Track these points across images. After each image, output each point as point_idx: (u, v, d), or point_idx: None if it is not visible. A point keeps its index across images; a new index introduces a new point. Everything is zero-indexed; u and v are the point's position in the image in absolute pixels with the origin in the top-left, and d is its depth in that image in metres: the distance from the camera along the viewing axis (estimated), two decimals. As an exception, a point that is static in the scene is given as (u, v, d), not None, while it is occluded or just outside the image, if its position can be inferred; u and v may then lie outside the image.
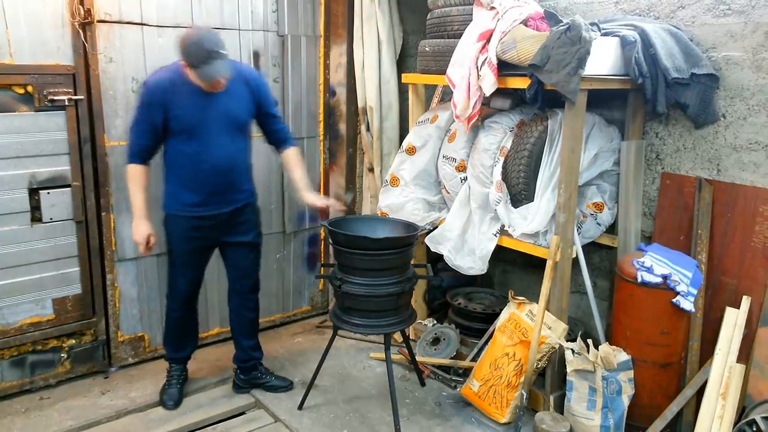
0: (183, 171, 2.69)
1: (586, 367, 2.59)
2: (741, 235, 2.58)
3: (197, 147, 2.64)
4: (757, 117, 2.52)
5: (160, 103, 2.58)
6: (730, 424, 2.36)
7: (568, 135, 2.56)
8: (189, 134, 2.63)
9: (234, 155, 2.75)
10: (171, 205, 2.76)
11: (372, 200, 3.91)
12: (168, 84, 2.59)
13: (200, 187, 2.70)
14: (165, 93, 2.58)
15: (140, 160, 2.67)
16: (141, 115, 2.64)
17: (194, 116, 2.61)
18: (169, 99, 2.58)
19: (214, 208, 2.75)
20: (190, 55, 2.47)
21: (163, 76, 2.62)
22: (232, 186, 2.77)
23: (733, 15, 2.53)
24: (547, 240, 2.75)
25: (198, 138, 2.63)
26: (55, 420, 2.83)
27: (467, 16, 2.86)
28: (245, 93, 2.74)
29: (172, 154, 2.70)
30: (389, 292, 2.70)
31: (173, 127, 2.62)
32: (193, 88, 2.58)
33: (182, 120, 2.60)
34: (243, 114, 2.75)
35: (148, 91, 2.61)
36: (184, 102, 2.59)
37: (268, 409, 2.98)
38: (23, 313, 2.95)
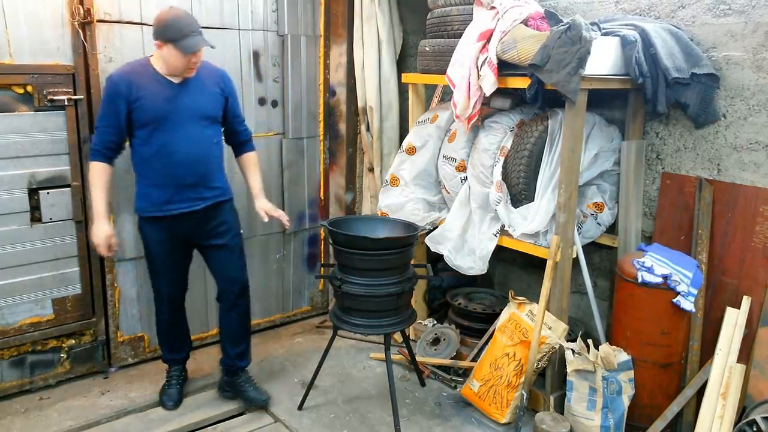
0: (151, 166, 2.61)
1: (586, 367, 2.59)
2: (741, 235, 2.58)
3: (164, 138, 2.57)
4: (757, 117, 2.52)
5: (124, 94, 2.51)
6: (731, 424, 2.35)
7: (569, 135, 2.55)
8: (155, 126, 2.56)
9: (203, 145, 2.67)
10: (143, 206, 2.69)
11: (372, 200, 3.91)
12: (133, 75, 2.55)
13: (169, 180, 2.62)
14: (130, 84, 2.52)
15: (104, 157, 2.59)
16: (105, 109, 2.57)
17: (160, 106, 2.55)
18: (134, 90, 2.52)
19: (186, 206, 2.66)
20: (169, 29, 2.45)
21: (127, 69, 2.59)
22: (203, 179, 2.69)
23: (734, 15, 2.53)
24: (547, 240, 2.75)
25: (165, 129, 2.57)
26: (54, 420, 2.83)
27: (467, 16, 2.86)
28: (214, 87, 2.71)
29: (139, 150, 2.63)
30: (389, 292, 2.70)
31: (138, 118, 2.55)
32: (161, 79, 2.56)
33: (148, 110, 2.54)
34: (211, 106, 2.70)
35: (113, 83, 2.54)
36: (150, 92, 2.54)
37: (268, 409, 2.97)
38: (23, 313, 2.94)
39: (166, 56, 2.51)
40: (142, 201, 2.68)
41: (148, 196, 2.66)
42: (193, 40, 2.47)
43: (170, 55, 2.49)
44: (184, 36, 2.45)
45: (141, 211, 2.70)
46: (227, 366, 2.97)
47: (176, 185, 2.63)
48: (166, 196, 2.64)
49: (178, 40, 2.45)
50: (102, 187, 2.60)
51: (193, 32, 2.48)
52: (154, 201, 2.65)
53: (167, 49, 2.48)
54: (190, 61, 2.52)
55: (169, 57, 2.50)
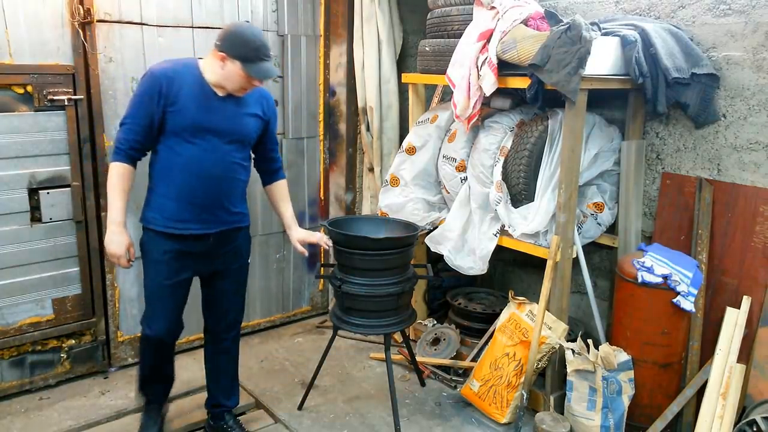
0: (171, 178, 2.34)
1: (586, 367, 2.59)
2: (741, 235, 2.58)
3: (193, 151, 2.31)
4: (757, 117, 2.52)
5: (163, 93, 2.25)
6: (731, 424, 2.35)
7: (569, 135, 2.55)
8: (187, 136, 2.30)
9: (233, 167, 2.41)
10: (152, 218, 2.38)
11: (372, 200, 3.91)
12: (176, 75, 2.28)
13: (187, 197, 2.34)
14: (171, 83, 2.26)
15: (127, 158, 2.31)
16: (138, 106, 2.29)
17: (198, 116, 2.30)
18: (174, 91, 2.26)
19: (198, 227, 2.38)
20: (243, 46, 2.22)
21: (171, 66, 2.32)
22: (224, 202, 2.42)
23: (734, 15, 2.53)
24: (547, 240, 2.75)
25: (195, 142, 2.31)
26: (54, 420, 2.83)
27: (467, 16, 2.86)
28: (257, 108, 2.46)
29: (164, 157, 2.34)
30: (389, 292, 2.70)
31: (172, 123, 2.29)
32: (205, 87, 2.31)
33: (185, 116, 2.28)
34: (250, 128, 2.45)
35: (152, 78, 2.27)
36: (190, 98, 2.28)
37: (268, 409, 2.97)
38: (23, 313, 2.94)
39: (227, 71, 2.26)
40: (153, 212, 2.38)
41: (160, 208, 2.36)
42: (265, 67, 2.26)
43: (233, 72, 2.25)
44: (258, 59, 2.24)
45: (149, 223, 2.39)
46: (213, 406, 2.73)
47: (193, 204, 2.36)
48: (180, 213, 2.36)
49: (250, 62, 2.23)
50: (122, 191, 2.31)
51: (267, 57, 2.27)
52: (166, 215, 2.36)
53: (231, 64, 2.24)
54: (251, 84, 2.31)
55: (230, 74, 2.26)
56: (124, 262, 2.35)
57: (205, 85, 2.31)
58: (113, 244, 2.32)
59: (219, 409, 2.72)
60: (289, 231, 2.70)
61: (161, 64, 2.33)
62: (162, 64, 2.34)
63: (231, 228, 2.48)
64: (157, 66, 2.32)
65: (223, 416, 2.72)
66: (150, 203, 2.40)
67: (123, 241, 2.33)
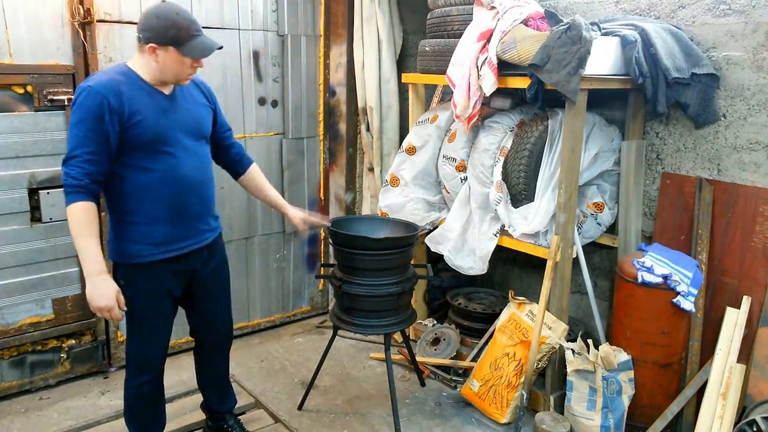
0: (153, 197, 2.09)
1: (586, 367, 2.59)
2: (741, 235, 2.58)
3: (169, 161, 2.09)
4: (757, 117, 2.52)
5: (115, 109, 1.97)
6: (731, 424, 2.35)
7: (569, 135, 2.55)
8: (157, 146, 2.07)
9: (205, 167, 2.24)
10: (138, 250, 2.11)
11: (372, 200, 3.91)
12: (120, 85, 2.01)
13: (176, 212, 2.14)
14: (120, 96, 1.98)
15: (92, 196, 1.98)
16: (88, 131, 1.95)
17: (160, 122, 2.07)
18: (126, 101, 2.00)
19: (196, 241, 2.23)
20: (171, 28, 1.99)
21: (109, 78, 2.02)
22: (207, 207, 2.27)
23: (734, 15, 2.53)
24: (547, 240, 2.75)
25: (167, 149, 2.09)
26: (54, 420, 2.83)
27: (467, 16, 2.86)
28: (201, 98, 2.28)
29: (135, 178, 2.07)
30: (389, 292, 2.70)
31: (136, 137, 2.02)
32: (149, 89, 2.08)
33: (147, 128, 2.04)
34: (206, 120, 2.28)
35: (96, 96, 1.95)
36: (143, 105, 2.04)
37: (268, 409, 2.97)
38: (23, 313, 2.94)
39: (162, 63, 2.04)
40: (135, 243, 2.11)
41: (146, 236, 2.11)
42: (202, 42, 2.05)
43: (169, 60, 2.03)
44: (191, 37, 2.02)
45: (134, 257, 2.11)
46: (209, 409, 2.67)
47: (184, 217, 2.17)
48: (175, 231, 2.15)
49: (183, 43, 2.00)
50: (94, 235, 1.97)
51: (199, 32, 2.05)
52: (157, 240, 2.12)
53: (164, 53, 2.02)
54: (193, 68, 2.09)
55: (167, 63, 2.03)
56: (117, 314, 2.01)
57: (147, 86, 2.08)
58: (102, 298, 1.97)
59: (217, 412, 2.70)
60: (285, 211, 2.55)
61: (96, 78, 2.03)
62: (96, 77, 2.04)
63: (217, 235, 2.36)
64: (93, 81, 2.01)
65: (223, 416, 2.71)
66: (127, 235, 2.11)
67: (111, 292, 1.99)
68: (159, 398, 2.40)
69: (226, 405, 2.69)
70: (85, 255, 1.97)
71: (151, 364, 2.29)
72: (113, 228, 2.15)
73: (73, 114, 1.99)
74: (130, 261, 2.13)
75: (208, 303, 2.41)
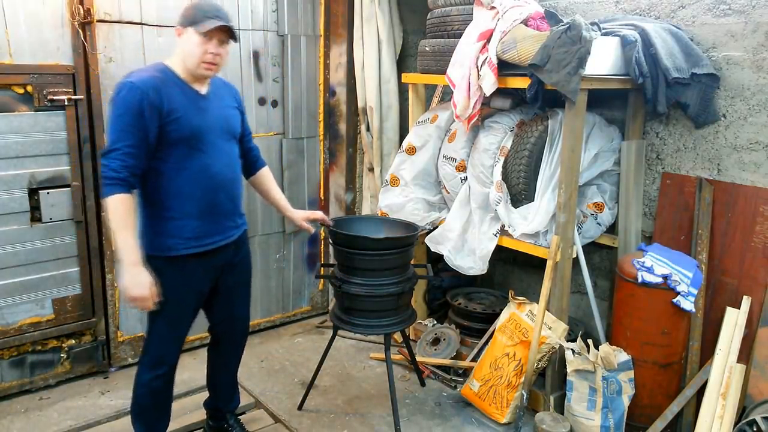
0: (186, 193, 2.17)
1: (586, 367, 2.59)
2: (741, 235, 2.58)
3: (201, 159, 2.16)
4: (757, 117, 2.52)
5: (155, 105, 2.05)
6: (731, 424, 2.35)
7: (569, 135, 2.55)
8: (192, 143, 2.14)
9: (235, 166, 2.34)
10: (171, 243, 2.18)
11: (372, 200, 3.91)
12: (159, 82, 2.09)
13: (208, 208, 2.21)
14: (159, 92, 2.06)
15: (129, 188, 2.05)
16: (129, 124, 2.02)
17: (196, 119, 2.15)
18: (165, 100, 2.07)
19: (223, 237, 2.29)
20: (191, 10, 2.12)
21: (149, 74, 2.11)
22: (235, 206, 2.35)
23: (734, 15, 2.53)
24: (547, 240, 2.75)
25: (200, 148, 2.16)
26: (54, 420, 2.83)
27: (467, 16, 2.86)
28: (232, 101, 2.37)
29: (171, 174, 2.15)
30: (389, 292, 2.70)
31: (173, 134, 2.10)
32: (185, 87, 2.17)
33: (184, 125, 2.11)
34: (236, 121, 2.37)
35: (137, 92, 2.03)
36: (181, 102, 2.12)
37: (268, 409, 2.97)
38: (23, 313, 2.94)
39: (184, 45, 2.12)
40: (170, 237, 2.18)
41: (178, 231, 2.17)
42: (213, 22, 2.09)
43: (188, 42, 2.10)
44: (207, 18, 2.08)
45: (169, 250, 2.18)
46: (213, 408, 2.69)
47: (215, 213, 2.24)
48: (205, 227, 2.21)
49: (199, 22, 2.08)
50: (132, 227, 2.06)
51: (216, 16, 2.10)
52: (188, 235, 2.18)
53: (186, 35, 2.11)
54: (207, 52, 2.11)
55: (186, 45, 2.11)
56: (150, 305, 2.09)
57: (184, 85, 2.17)
58: (137, 287, 2.05)
59: (220, 411, 2.71)
60: (289, 213, 2.64)
61: (138, 75, 2.10)
62: (136, 74, 2.11)
63: (243, 231, 2.43)
64: (135, 77, 2.08)
65: (224, 416, 2.72)
66: (161, 228, 2.18)
67: (147, 282, 2.06)
68: (169, 395, 2.42)
69: (232, 404, 2.71)
70: (123, 246, 2.04)
71: (168, 359, 2.32)
72: (146, 222, 2.20)
73: (114, 108, 2.06)
74: (161, 254, 2.18)
75: (230, 298, 2.46)
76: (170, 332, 2.29)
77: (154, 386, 2.32)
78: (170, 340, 2.31)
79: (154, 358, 2.30)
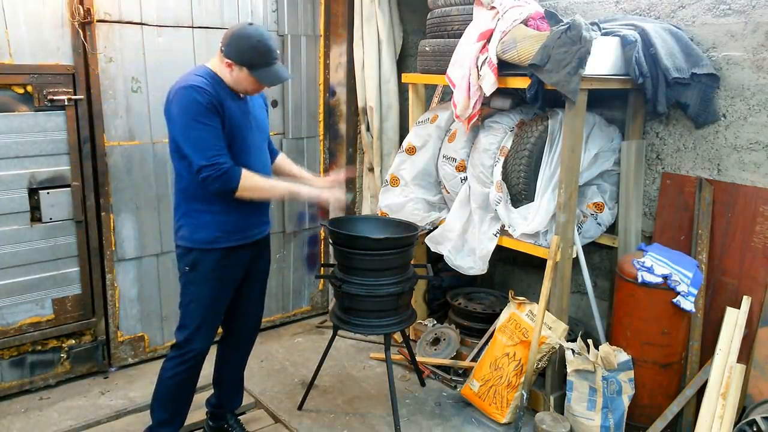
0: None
1: (586, 367, 2.59)
2: (741, 235, 2.58)
3: (245, 158, 2.28)
4: (757, 117, 2.52)
5: (216, 105, 2.16)
6: (731, 424, 2.35)
7: (569, 135, 2.55)
8: (239, 143, 2.27)
9: (268, 165, 2.47)
10: (213, 237, 2.29)
11: (372, 200, 3.91)
12: (212, 88, 2.18)
13: (247, 204, 2.30)
14: (218, 96, 2.17)
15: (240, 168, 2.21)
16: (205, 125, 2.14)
17: (241, 122, 2.27)
18: (221, 102, 2.18)
19: (257, 232, 2.43)
20: (248, 53, 2.16)
21: (202, 79, 2.19)
22: (266, 203, 2.47)
23: (734, 15, 2.53)
24: (547, 240, 2.75)
25: (242, 148, 2.28)
26: (54, 420, 2.83)
27: (467, 16, 2.86)
28: (262, 104, 2.50)
29: None
30: (389, 293, 2.70)
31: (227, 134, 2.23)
32: (231, 92, 2.26)
33: (234, 126, 2.24)
34: (267, 122, 2.51)
35: (202, 93, 2.13)
36: (230, 106, 2.23)
37: (268, 409, 2.97)
38: (23, 313, 2.94)
39: (236, 77, 2.21)
40: (210, 231, 2.29)
41: (221, 224, 2.29)
42: (275, 72, 2.21)
43: (242, 78, 2.21)
44: (266, 64, 2.18)
45: (209, 243, 2.29)
46: (215, 409, 2.72)
47: (251, 208, 2.35)
48: (242, 222, 2.34)
49: (258, 68, 2.18)
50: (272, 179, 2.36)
51: (275, 60, 2.21)
52: (230, 229, 2.31)
53: (239, 71, 2.19)
54: (261, 88, 2.28)
55: (239, 79, 2.22)
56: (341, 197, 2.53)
57: (230, 90, 2.25)
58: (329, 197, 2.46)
59: (222, 410, 2.72)
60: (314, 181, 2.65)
61: (193, 80, 2.18)
62: (191, 79, 2.18)
63: (269, 228, 2.56)
64: (192, 81, 2.17)
65: (224, 416, 2.73)
66: (203, 223, 2.29)
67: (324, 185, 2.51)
68: (191, 388, 2.49)
69: (235, 403, 2.75)
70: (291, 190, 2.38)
71: (198, 349, 2.38)
72: (188, 215, 2.31)
73: (183, 113, 2.14)
74: (202, 246, 2.29)
75: (248, 292, 2.55)
76: (206, 317, 2.37)
77: (180, 378, 2.41)
78: (202, 331, 2.37)
79: (184, 347, 2.37)
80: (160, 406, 2.46)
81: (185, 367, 2.39)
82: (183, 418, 2.53)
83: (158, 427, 2.47)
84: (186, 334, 2.37)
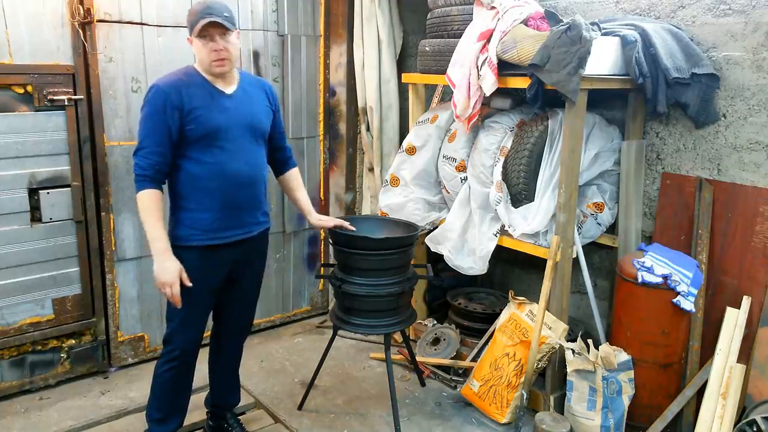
0: (203, 188, 2.27)
1: (586, 367, 2.59)
2: (741, 235, 2.58)
3: (219, 156, 2.25)
4: (757, 117, 2.52)
5: (175, 104, 2.18)
6: (731, 424, 2.35)
7: (569, 135, 2.55)
8: (210, 140, 2.24)
9: (258, 165, 2.40)
10: (187, 234, 2.29)
11: (372, 200, 3.91)
12: (180, 83, 2.21)
13: (225, 203, 2.29)
14: (180, 92, 2.19)
15: (156, 184, 2.22)
16: (152, 124, 2.18)
17: (216, 118, 2.24)
18: (185, 98, 2.19)
19: (241, 232, 2.37)
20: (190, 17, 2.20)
21: (173, 77, 2.25)
22: (256, 203, 2.42)
23: (734, 15, 2.53)
24: (547, 240, 2.75)
25: (220, 144, 2.25)
26: (54, 420, 2.83)
27: (467, 16, 2.86)
28: (264, 101, 2.43)
29: (189, 169, 2.26)
30: (389, 292, 2.70)
31: (192, 132, 2.21)
32: (210, 87, 2.26)
33: (203, 122, 2.21)
34: (264, 121, 2.41)
35: (159, 92, 2.18)
36: (202, 101, 2.23)
37: (268, 409, 2.97)
38: (23, 313, 2.94)
39: (195, 51, 2.23)
40: (187, 228, 2.29)
41: (196, 222, 2.29)
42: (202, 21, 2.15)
43: (196, 48, 2.22)
44: (198, 20, 2.15)
45: (184, 240, 2.30)
46: (214, 408, 2.72)
47: (232, 208, 2.32)
48: (221, 221, 2.31)
49: (194, 26, 2.17)
50: (160, 219, 2.20)
51: (208, 14, 2.15)
52: (205, 227, 2.29)
53: (193, 42, 2.22)
54: (211, 50, 2.19)
55: (196, 51, 2.22)
56: (177, 290, 2.21)
57: (208, 84, 2.26)
58: (167, 273, 2.19)
59: (220, 408, 2.72)
60: (309, 216, 2.71)
61: (164, 78, 2.25)
62: (164, 78, 2.26)
63: (263, 229, 2.50)
64: (160, 80, 2.24)
65: (224, 415, 2.73)
66: (179, 221, 2.31)
67: (176, 267, 2.20)
68: (183, 388, 2.49)
69: (230, 400, 2.74)
70: (150, 236, 2.22)
71: (181, 347, 2.38)
72: (171, 212, 2.34)
73: (142, 109, 2.23)
74: (179, 243, 2.29)
75: (237, 294, 2.53)
76: (187, 316, 2.35)
77: (166, 376, 2.41)
78: (188, 323, 2.37)
79: (168, 348, 2.40)
80: (154, 406, 2.48)
81: (170, 365, 2.40)
82: (180, 418, 2.53)
83: (153, 426, 2.48)
84: (167, 330, 2.40)
